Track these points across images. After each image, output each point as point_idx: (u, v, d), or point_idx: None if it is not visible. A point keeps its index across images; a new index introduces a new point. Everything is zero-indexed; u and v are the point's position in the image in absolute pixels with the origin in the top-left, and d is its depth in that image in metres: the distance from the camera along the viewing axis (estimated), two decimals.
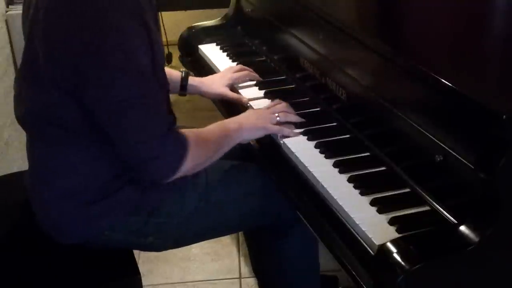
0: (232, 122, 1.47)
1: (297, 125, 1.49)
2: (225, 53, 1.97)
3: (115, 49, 1.16)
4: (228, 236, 2.30)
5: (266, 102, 1.63)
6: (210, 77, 1.79)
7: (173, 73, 1.70)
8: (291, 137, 1.46)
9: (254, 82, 1.75)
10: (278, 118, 1.48)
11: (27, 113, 1.34)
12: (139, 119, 1.22)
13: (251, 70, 1.78)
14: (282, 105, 1.52)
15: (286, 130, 1.47)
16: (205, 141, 1.36)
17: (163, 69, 1.33)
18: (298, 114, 1.52)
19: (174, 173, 1.28)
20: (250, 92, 1.70)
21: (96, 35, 1.15)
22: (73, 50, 1.16)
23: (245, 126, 1.45)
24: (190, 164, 1.29)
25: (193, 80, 1.72)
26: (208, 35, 2.10)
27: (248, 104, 1.65)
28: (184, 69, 1.74)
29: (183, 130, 1.31)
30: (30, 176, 1.40)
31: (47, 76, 1.23)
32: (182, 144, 1.27)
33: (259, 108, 1.57)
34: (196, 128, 1.39)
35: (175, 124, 1.31)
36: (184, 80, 1.70)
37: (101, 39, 1.15)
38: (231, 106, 1.72)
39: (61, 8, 1.17)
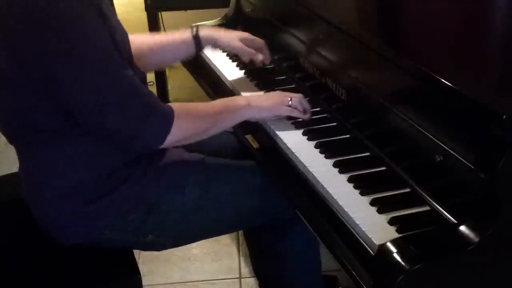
0: (240, 98, 1.49)
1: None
2: (225, 53, 1.96)
3: (80, 38, 1.17)
4: (228, 236, 2.30)
5: None
6: (223, 30, 1.73)
7: (181, 34, 1.65)
8: (303, 119, 1.47)
9: (254, 83, 1.75)
10: (290, 102, 1.48)
11: (6, 123, 1.34)
12: (117, 101, 1.23)
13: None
14: (297, 94, 1.52)
15: (296, 112, 1.48)
16: (198, 115, 1.37)
17: (128, 47, 1.34)
18: None
19: (159, 145, 1.30)
20: (249, 92, 1.70)
21: (58, 28, 1.15)
22: (37, 48, 1.17)
23: (254, 104, 1.45)
24: (178, 136, 1.31)
25: (205, 33, 1.66)
26: None
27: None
28: (193, 26, 1.67)
29: (171, 104, 1.32)
30: (23, 181, 1.40)
31: (15, 81, 1.22)
32: (165, 117, 1.28)
33: (272, 92, 1.58)
34: (193, 103, 1.41)
35: (156, 99, 1.30)
36: (197, 35, 1.64)
37: (64, 31, 1.16)
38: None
39: (16, 7, 1.16)
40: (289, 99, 1.48)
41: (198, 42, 1.66)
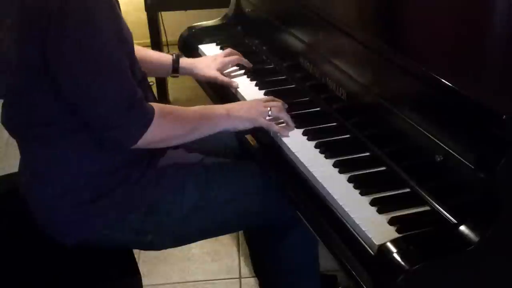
0: (221, 108, 1.47)
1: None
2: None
3: (82, 22, 1.19)
4: (228, 236, 2.30)
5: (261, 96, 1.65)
6: (201, 59, 1.82)
7: (163, 56, 1.74)
8: (281, 135, 1.45)
9: (254, 83, 1.75)
10: (270, 112, 1.46)
11: (10, 116, 1.36)
12: (104, 88, 1.24)
13: (240, 54, 1.82)
14: (276, 102, 1.51)
15: (275, 126, 1.45)
16: (178, 119, 1.37)
17: (131, 45, 1.36)
18: (298, 114, 1.52)
19: (133, 142, 1.29)
20: (249, 91, 1.70)
21: (61, 10, 1.17)
22: (39, 25, 1.18)
23: (233, 115, 1.44)
24: (155, 137, 1.31)
25: (185, 62, 1.75)
26: (208, 35, 2.10)
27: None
28: (175, 52, 1.77)
29: (154, 104, 1.33)
30: (24, 178, 1.40)
31: (25, 71, 1.24)
32: (144, 116, 1.29)
33: (253, 100, 1.57)
34: (175, 106, 1.42)
35: (141, 97, 1.30)
36: (176, 62, 1.73)
37: (66, 14, 1.17)
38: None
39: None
40: (269, 109, 1.46)
41: (176, 69, 1.73)
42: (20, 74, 1.26)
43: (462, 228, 1.04)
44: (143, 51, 1.69)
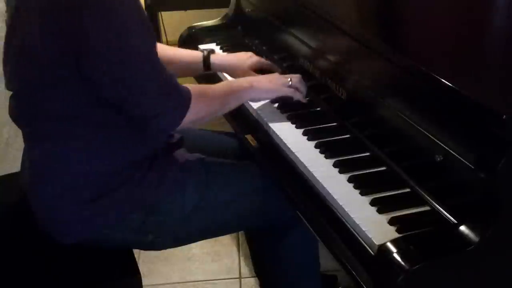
0: (243, 81, 1.52)
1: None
2: (225, 53, 1.96)
3: (110, 16, 1.18)
4: (228, 236, 2.30)
5: None
6: (235, 55, 1.78)
7: (192, 53, 1.74)
8: (302, 101, 1.53)
9: None
10: (290, 83, 1.52)
11: (20, 110, 1.35)
12: (144, 75, 1.25)
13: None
14: (295, 74, 1.57)
15: (298, 94, 1.53)
16: (209, 96, 1.42)
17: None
18: (298, 114, 1.53)
19: (176, 126, 1.34)
20: None
21: (86, 4, 1.16)
22: (65, 19, 1.17)
23: (256, 86, 1.50)
24: (192, 117, 1.34)
25: (216, 58, 1.73)
26: (208, 35, 2.10)
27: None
28: (206, 48, 1.77)
29: (187, 84, 1.35)
30: (26, 177, 1.40)
31: (46, 58, 1.22)
32: (184, 99, 1.32)
33: (272, 74, 1.61)
34: (203, 85, 1.45)
35: (176, 80, 1.32)
36: (207, 58, 1.71)
37: (93, 9, 1.16)
38: None
39: None
40: (289, 79, 1.53)
41: (207, 65, 1.71)
42: (45, 67, 1.24)
43: (462, 228, 1.04)
44: (171, 51, 1.70)
